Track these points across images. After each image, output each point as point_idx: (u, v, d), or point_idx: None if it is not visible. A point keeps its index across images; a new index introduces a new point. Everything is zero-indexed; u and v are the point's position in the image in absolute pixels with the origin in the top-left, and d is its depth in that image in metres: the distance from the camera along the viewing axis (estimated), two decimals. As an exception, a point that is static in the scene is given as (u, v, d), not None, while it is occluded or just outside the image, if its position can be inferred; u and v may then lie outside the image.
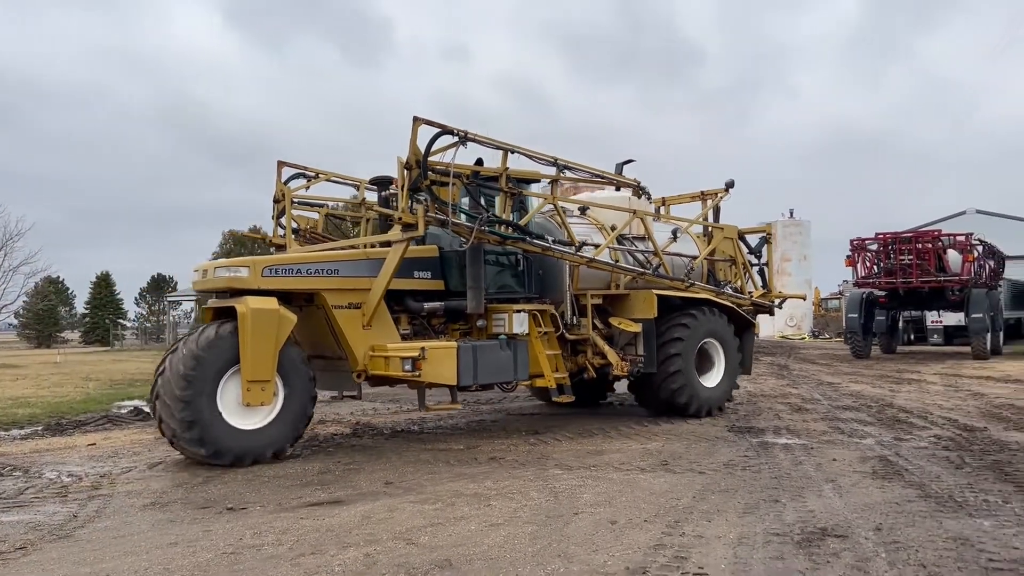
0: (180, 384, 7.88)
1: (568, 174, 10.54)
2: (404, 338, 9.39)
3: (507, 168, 9.74)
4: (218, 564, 4.93)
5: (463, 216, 9.33)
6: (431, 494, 6.75)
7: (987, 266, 25.63)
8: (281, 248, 11.26)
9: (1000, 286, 27.62)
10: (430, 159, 8.88)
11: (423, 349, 8.84)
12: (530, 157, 9.91)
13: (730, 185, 12.58)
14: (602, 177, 11.37)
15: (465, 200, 9.73)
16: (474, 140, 9.12)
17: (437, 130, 8.84)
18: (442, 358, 9.00)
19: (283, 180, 11.47)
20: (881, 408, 11.95)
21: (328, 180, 12.03)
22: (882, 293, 25.03)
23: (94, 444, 9.94)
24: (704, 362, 11.75)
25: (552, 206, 10.25)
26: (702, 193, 13.00)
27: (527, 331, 9.87)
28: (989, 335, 23.33)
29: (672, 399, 11.13)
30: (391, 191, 10.35)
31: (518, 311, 9.79)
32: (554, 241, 10.12)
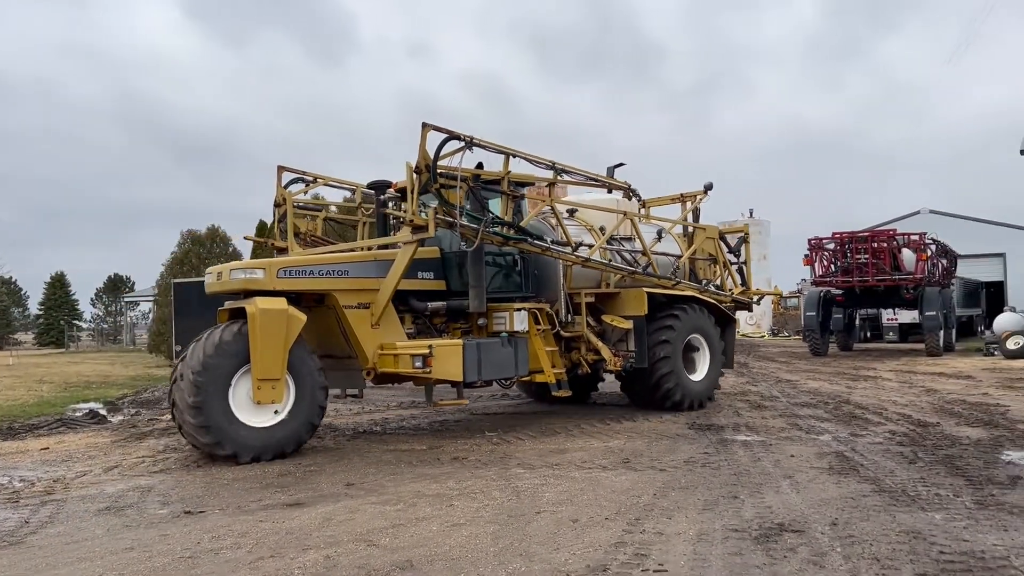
0: (192, 391, 8.10)
1: (565, 177, 10.90)
2: (409, 337, 9.65)
3: (509, 171, 10.09)
4: (174, 569, 4.85)
5: (466, 218, 9.54)
6: (393, 495, 6.72)
7: (940, 265, 26.20)
8: (283, 251, 11.43)
9: (952, 284, 28.28)
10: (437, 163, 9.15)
11: (431, 347, 9.16)
12: (529, 161, 10.28)
13: (708, 187, 13.15)
14: (596, 180, 11.69)
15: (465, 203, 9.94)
16: (479, 145, 9.49)
17: (444, 135, 9.12)
18: (449, 355, 9.34)
19: (283, 184, 11.62)
20: (838, 405, 12.16)
21: (326, 184, 12.19)
22: (839, 291, 25.43)
23: (47, 448, 9.73)
24: (690, 357, 12.20)
25: (549, 208, 10.69)
26: (681, 195, 13.50)
27: (527, 329, 10.26)
28: (942, 332, 23.85)
29: (663, 393, 11.51)
30: (389, 195, 10.73)
31: (518, 309, 10.20)
32: (552, 242, 10.54)
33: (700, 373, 12.19)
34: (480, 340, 9.94)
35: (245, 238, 12.50)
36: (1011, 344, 21.46)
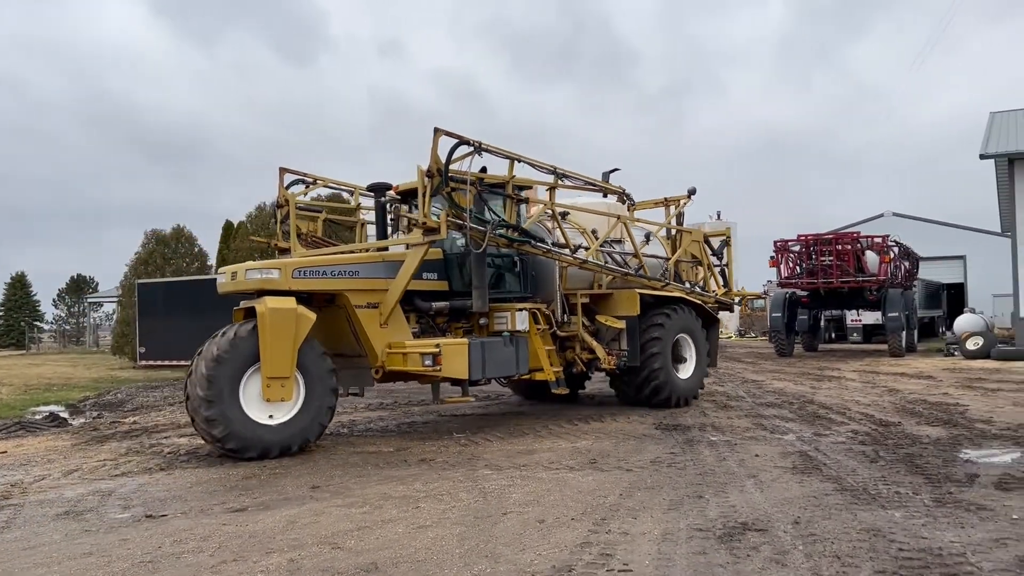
0: (203, 384, 8.32)
1: (565, 182, 11.24)
2: (413, 336, 9.88)
3: (513, 176, 10.41)
4: (134, 574, 4.77)
5: (474, 221, 9.77)
6: (359, 497, 6.67)
7: (903, 267, 26.66)
8: (285, 252, 11.62)
9: (915, 286, 28.79)
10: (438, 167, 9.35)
11: (438, 345, 9.41)
12: (532, 165, 10.60)
13: (692, 192, 13.67)
14: (594, 185, 12.06)
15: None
16: (487, 150, 9.83)
17: (454, 140, 9.41)
18: (455, 354, 9.58)
19: (284, 186, 11.75)
20: (802, 405, 12.31)
21: (325, 185, 12.34)
22: (804, 293, 25.77)
23: (5, 452, 9.53)
24: (677, 356, 12.60)
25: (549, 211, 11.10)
26: (665, 199, 13.92)
27: (528, 328, 10.57)
28: (904, 333, 24.27)
29: (654, 391, 11.90)
30: (388, 197, 10.97)
31: (520, 309, 10.50)
32: (553, 244, 10.90)
33: (687, 371, 12.58)
34: (484, 339, 10.17)
35: (251, 238, 12.59)
36: (970, 345, 21.89)
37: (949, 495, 6.21)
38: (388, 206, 11.03)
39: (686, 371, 12.57)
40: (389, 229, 11.11)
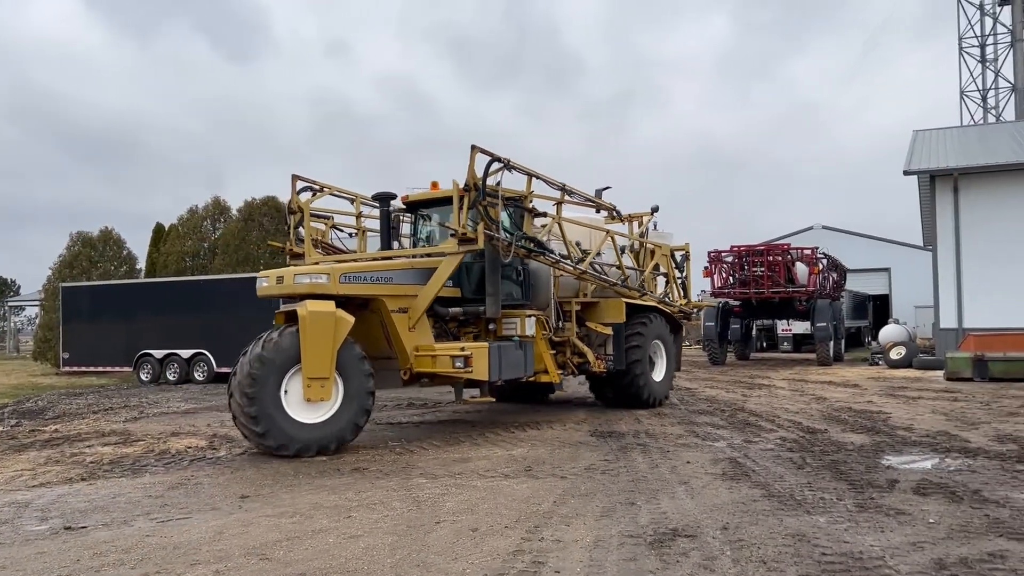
0: (247, 382, 8.71)
1: (569, 197, 11.98)
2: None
3: (532, 191, 11.16)
4: (51, 589, 4.60)
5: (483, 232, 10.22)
6: (289, 507, 6.55)
7: (831, 278, 27.47)
8: (298, 257, 11.92)
9: (842, 297, 29.68)
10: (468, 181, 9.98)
11: (462, 348, 9.96)
12: (546, 182, 11.40)
13: (655, 210, 14.64)
14: (592, 201, 12.86)
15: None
16: (513, 167, 10.54)
17: (488, 158, 10.15)
18: (479, 357, 10.01)
19: (296, 192, 12.01)
20: (733, 412, 12.56)
21: (331, 193, 12.63)
22: (737, 303, 26.33)
23: (-86, 462, 9.08)
24: (651, 360, 13.48)
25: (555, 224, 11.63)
26: (629, 215, 14.53)
27: (535, 333, 11.24)
28: (832, 343, 24.99)
29: (636, 392, 12.83)
30: (395, 207, 11.65)
31: (529, 316, 11.17)
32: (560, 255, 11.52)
33: (660, 374, 13.60)
34: (500, 343, 10.68)
35: (270, 244, 12.65)
36: (894, 354, 22.65)
37: (871, 500, 6.41)
38: (393, 217, 11.61)
39: (659, 374, 13.56)
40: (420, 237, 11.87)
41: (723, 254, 25.98)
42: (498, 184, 10.51)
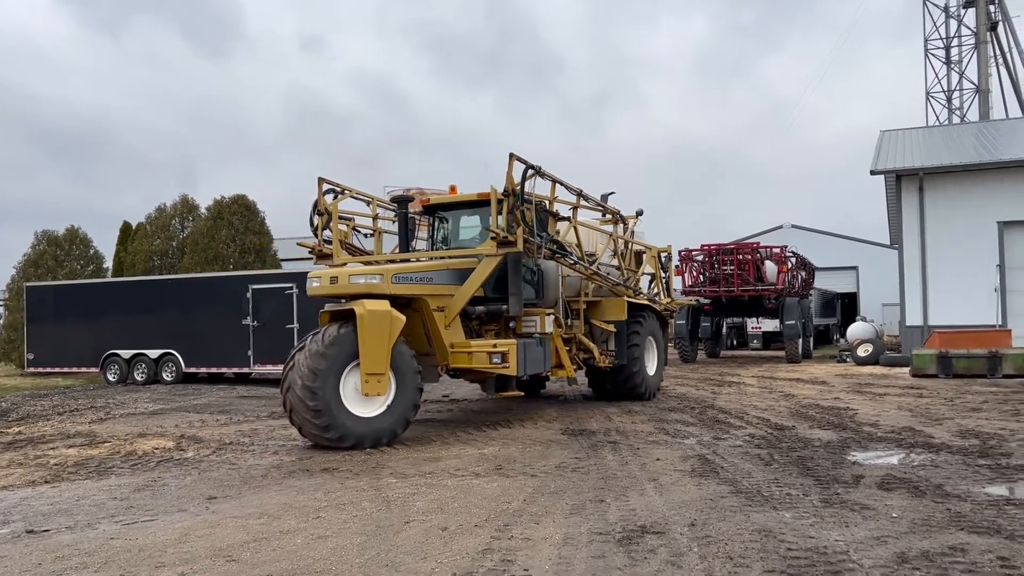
0: (309, 377, 9.04)
1: (584, 202, 12.70)
2: None
3: (556, 197, 11.76)
4: (11, 593, 4.52)
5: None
6: (257, 508, 6.50)
7: (800, 276, 27.79)
8: (325, 258, 12.21)
9: (811, 295, 30.05)
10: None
11: (495, 345, 10.52)
12: (565, 187, 11.93)
13: (639, 213, 15.11)
14: (601, 206, 13.69)
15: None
16: (543, 174, 11.08)
17: (523, 166, 10.64)
18: (511, 354, 10.53)
19: (323, 193, 12.27)
20: (703, 409, 12.66)
21: (351, 196, 12.95)
22: (707, 301, 26.54)
23: None
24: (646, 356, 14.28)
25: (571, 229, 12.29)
26: (604, 221, 14.93)
27: (553, 331, 11.84)
28: (801, 340, 25.28)
29: (634, 386, 13.67)
30: (412, 210, 12.08)
31: (548, 314, 11.77)
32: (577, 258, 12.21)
33: (652, 369, 14.39)
34: (525, 340, 11.14)
35: (299, 243, 12.93)
36: (861, 351, 22.97)
37: (836, 496, 6.49)
38: (410, 219, 11.97)
39: (651, 368, 14.36)
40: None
41: (694, 253, 26.18)
42: (531, 190, 11.03)
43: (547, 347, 11.70)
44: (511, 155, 10.57)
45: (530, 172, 10.77)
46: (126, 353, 21.02)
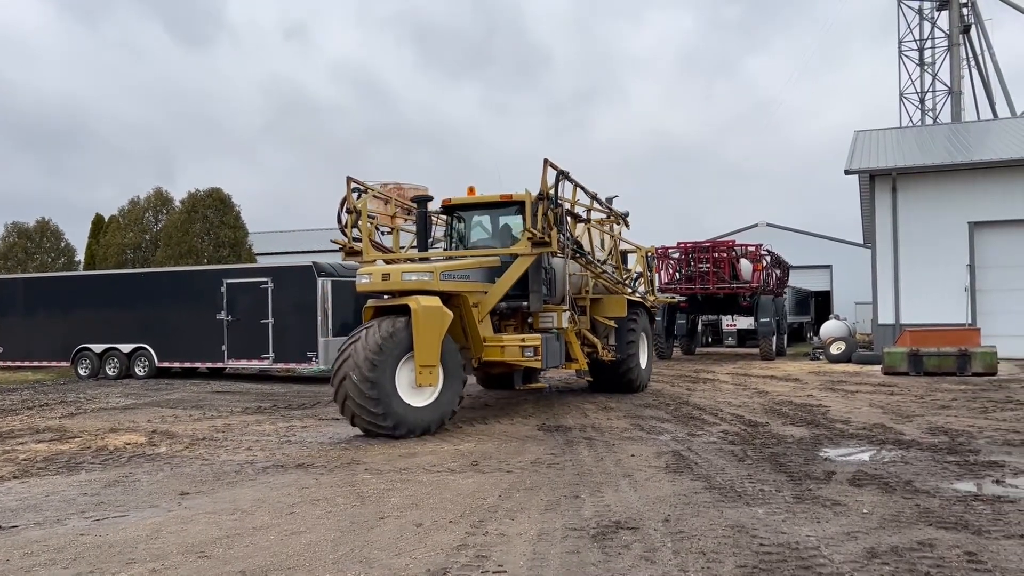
0: (367, 367, 9.43)
1: (596, 205, 13.69)
2: None
3: (577, 200, 12.59)
4: (-23, 590, 4.45)
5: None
6: (230, 504, 6.45)
7: (774, 275, 27.99)
8: (355, 255, 12.55)
9: (785, 293, 30.30)
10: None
11: (524, 339, 11.14)
12: (584, 191, 12.91)
13: (626, 214, 15.52)
14: (609, 209, 14.59)
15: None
16: (568, 179, 11.85)
17: (554, 171, 11.29)
18: (539, 347, 11.16)
19: (351, 191, 12.44)
20: (678, 406, 12.74)
21: (374, 195, 13.23)
22: (683, 298, 26.67)
23: None
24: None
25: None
26: (600, 221, 15.37)
27: (568, 326, 12.47)
28: (775, 338, 25.48)
29: (631, 379, 14.40)
30: (432, 210, 12.56)
31: (565, 310, 12.42)
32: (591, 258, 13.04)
33: (644, 363, 15.15)
34: (546, 334, 11.69)
35: (332, 241, 13.08)
36: (834, 349, 23.20)
37: (808, 492, 6.56)
38: (429, 218, 12.37)
39: (643, 362, 15.12)
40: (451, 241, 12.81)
41: (669, 250, 26.30)
42: (561, 193, 11.58)
43: (563, 341, 12.33)
44: (545, 160, 11.15)
45: (560, 177, 11.38)
46: (98, 347, 20.76)
